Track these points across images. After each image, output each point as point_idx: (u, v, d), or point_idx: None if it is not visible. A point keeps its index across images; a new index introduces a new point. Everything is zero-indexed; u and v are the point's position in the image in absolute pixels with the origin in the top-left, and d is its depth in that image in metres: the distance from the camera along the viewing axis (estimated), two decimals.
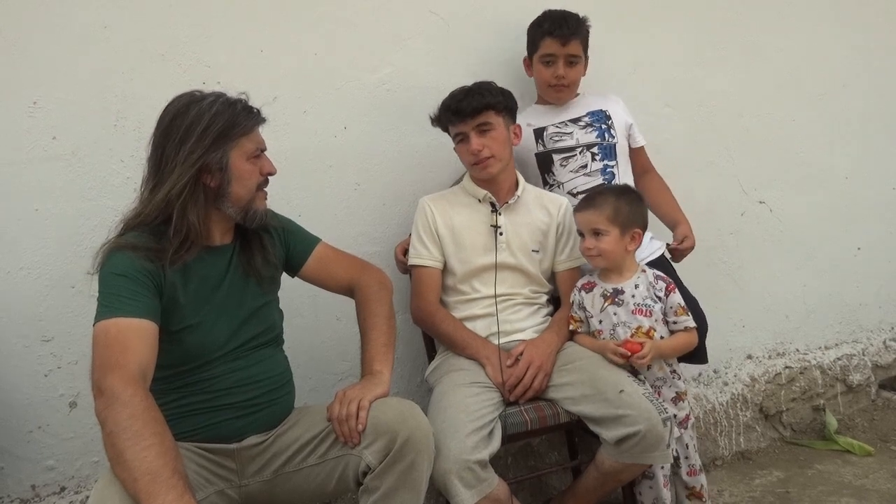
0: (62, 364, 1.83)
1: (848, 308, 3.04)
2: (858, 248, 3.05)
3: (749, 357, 2.83)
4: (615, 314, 1.93)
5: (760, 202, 2.83)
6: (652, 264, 2.10)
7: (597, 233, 1.92)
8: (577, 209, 1.98)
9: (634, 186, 2.28)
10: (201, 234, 1.48)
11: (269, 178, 1.60)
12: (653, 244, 2.21)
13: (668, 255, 2.22)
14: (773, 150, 2.84)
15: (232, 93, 1.53)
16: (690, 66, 2.66)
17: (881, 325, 3.13)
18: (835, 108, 2.97)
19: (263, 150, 1.58)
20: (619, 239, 1.92)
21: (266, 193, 1.60)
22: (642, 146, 2.33)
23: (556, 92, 2.20)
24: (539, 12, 2.20)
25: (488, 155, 1.93)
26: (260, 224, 1.58)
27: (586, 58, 2.22)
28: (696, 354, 2.11)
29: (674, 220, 2.24)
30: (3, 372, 1.78)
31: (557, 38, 2.13)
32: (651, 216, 2.13)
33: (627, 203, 1.94)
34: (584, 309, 2.00)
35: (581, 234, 1.98)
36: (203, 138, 1.44)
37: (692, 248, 2.19)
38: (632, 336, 1.91)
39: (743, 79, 2.76)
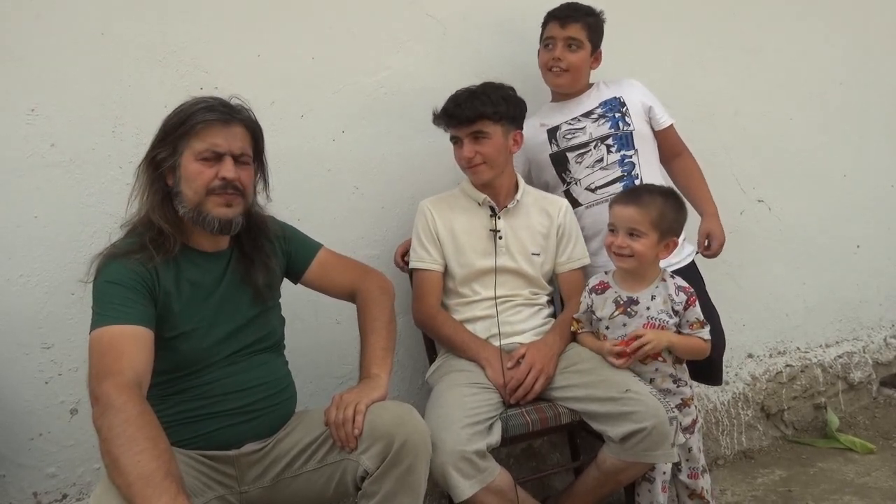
0: (63, 371, 1.83)
1: (848, 306, 3.04)
2: (858, 246, 3.05)
3: (750, 356, 2.83)
4: (625, 325, 1.88)
5: (759, 201, 2.83)
6: (680, 272, 2.00)
7: (633, 233, 1.80)
8: (618, 202, 1.86)
9: (663, 172, 2.22)
10: (173, 234, 1.47)
11: (235, 184, 1.47)
12: (682, 249, 2.10)
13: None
14: (771, 149, 2.84)
15: (225, 96, 1.53)
16: (689, 65, 2.66)
17: (881, 322, 3.13)
18: (833, 106, 2.97)
19: (221, 152, 1.46)
20: (654, 245, 1.81)
21: (226, 199, 1.48)
22: (670, 126, 2.21)
23: (555, 77, 2.15)
24: (536, 14, 2.20)
25: (480, 161, 1.93)
26: (220, 231, 1.50)
27: (594, 47, 2.16)
28: (712, 374, 2.08)
29: (700, 210, 2.15)
30: (4, 379, 1.78)
31: (557, 19, 2.13)
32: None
33: (673, 210, 1.83)
34: (593, 313, 1.93)
35: (612, 228, 1.85)
36: (159, 137, 1.48)
37: (722, 245, 2.12)
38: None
39: (741, 78, 2.77)
